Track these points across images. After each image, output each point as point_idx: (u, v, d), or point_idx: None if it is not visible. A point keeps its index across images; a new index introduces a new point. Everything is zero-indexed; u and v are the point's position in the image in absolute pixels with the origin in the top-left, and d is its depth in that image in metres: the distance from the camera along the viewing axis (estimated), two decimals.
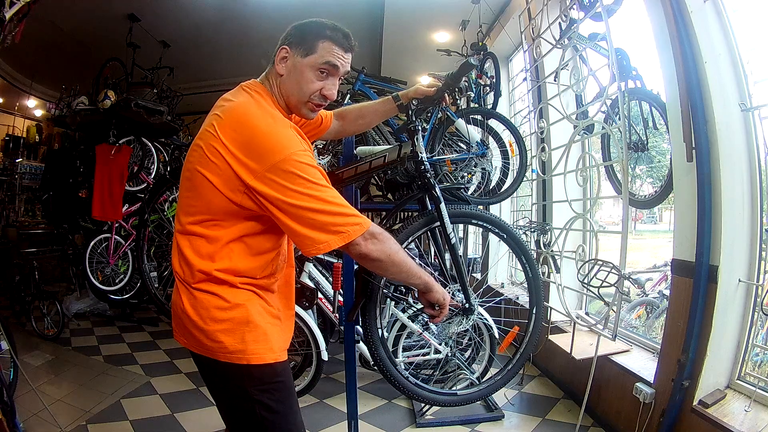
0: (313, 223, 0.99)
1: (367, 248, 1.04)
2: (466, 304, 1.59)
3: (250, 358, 1.04)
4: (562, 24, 2.56)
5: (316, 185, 0.99)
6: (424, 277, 1.18)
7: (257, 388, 1.05)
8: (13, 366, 2.31)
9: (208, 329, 1.04)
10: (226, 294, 1.05)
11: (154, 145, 4.22)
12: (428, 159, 1.57)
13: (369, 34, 4.60)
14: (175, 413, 2.47)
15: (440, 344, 2.35)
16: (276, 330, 1.12)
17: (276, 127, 1.01)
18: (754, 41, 1.81)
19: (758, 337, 1.86)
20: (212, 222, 1.04)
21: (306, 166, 0.99)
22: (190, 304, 1.06)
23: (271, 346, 1.07)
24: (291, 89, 1.09)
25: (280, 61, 1.09)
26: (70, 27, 4.35)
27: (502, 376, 1.77)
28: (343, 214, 1.02)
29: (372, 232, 1.04)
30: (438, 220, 1.55)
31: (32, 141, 6.27)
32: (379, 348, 1.61)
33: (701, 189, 1.77)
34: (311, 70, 1.07)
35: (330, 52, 1.07)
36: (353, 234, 1.02)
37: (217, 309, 1.04)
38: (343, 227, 1.01)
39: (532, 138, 3.25)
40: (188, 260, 1.05)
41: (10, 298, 4.45)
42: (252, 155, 0.97)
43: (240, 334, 1.04)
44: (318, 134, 1.45)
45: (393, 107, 1.51)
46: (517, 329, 2.03)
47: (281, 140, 0.99)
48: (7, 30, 2.00)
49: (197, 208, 1.05)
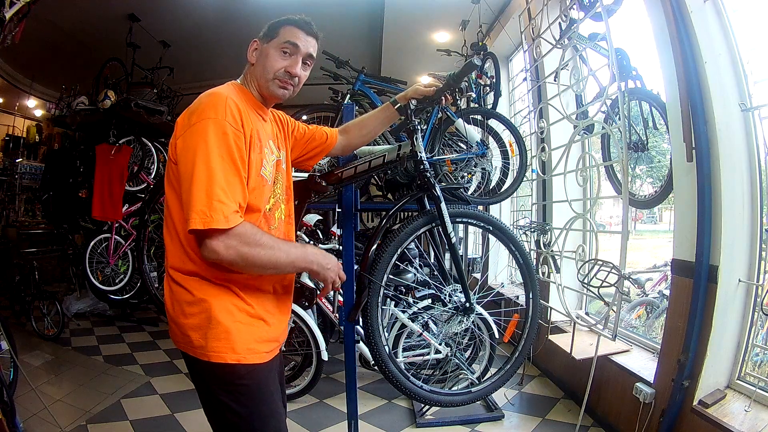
0: (190, 192, 0.96)
1: (216, 249, 0.97)
2: (466, 303, 1.60)
3: (210, 355, 1.05)
4: (562, 24, 2.56)
5: (215, 155, 0.97)
6: (308, 262, 1.12)
7: (221, 388, 1.07)
8: (13, 366, 2.31)
9: (180, 323, 1.08)
10: (193, 288, 1.06)
11: (154, 145, 4.22)
12: (428, 159, 1.57)
13: (369, 34, 4.60)
14: (175, 413, 2.48)
15: (440, 344, 2.35)
16: (247, 330, 1.09)
17: (211, 96, 1.05)
18: (754, 41, 1.81)
19: (758, 337, 1.86)
20: (175, 197, 1.06)
21: (220, 134, 0.99)
22: (168, 296, 1.10)
23: (232, 345, 1.05)
24: (259, 71, 1.18)
25: (252, 53, 1.20)
26: (70, 27, 4.36)
27: (515, 360, 1.75)
28: (217, 197, 0.96)
29: (231, 234, 0.97)
30: (438, 219, 1.55)
31: (32, 141, 6.28)
32: (381, 349, 1.61)
33: (701, 189, 1.77)
34: (275, 51, 1.17)
35: (290, 33, 1.17)
36: (212, 222, 0.94)
37: (186, 303, 1.07)
38: (209, 210, 0.95)
39: (532, 138, 3.25)
40: (166, 250, 1.10)
41: (10, 298, 4.45)
42: (187, 117, 1.04)
43: (203, 330, 1.05)
44: (325, 150, 1.48)
45: (393, 112, 1.51)
46: (517, 317, 2.02)
47: (208, 105, 1.02)
48: (7, 30, 2.00)
49: (170, 195, 1.09)
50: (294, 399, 2.64)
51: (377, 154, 1.61)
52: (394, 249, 1.55)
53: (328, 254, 1.19)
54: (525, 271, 1.74)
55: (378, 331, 1.59)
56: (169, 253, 1.10)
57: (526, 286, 1.76)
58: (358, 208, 1.96)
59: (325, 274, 1.16)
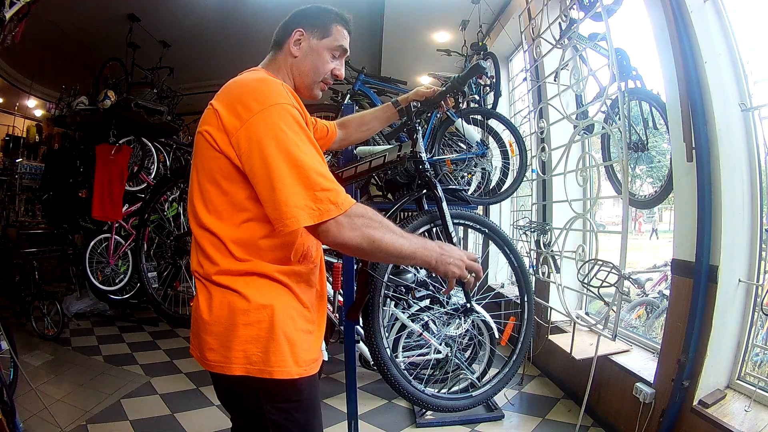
0: (283, 189, 0.86)
1: (341, 235, 0.89)
2: (467, 304, 1.60)
3: (272, 371, 0.92)
4: (562, 24, 2.56)
5: (295, 143, 0.88)
6: (424, 257, 0.97)
7: (275, 408, 0.94)
8: (13, 366, 2.31)
9: (230, 335, 0.93)
10: (249, 291, 0.93)
11: (154, 145, 4.22)
12: (428, 159, 1.57)
13: (369, 34, 4.59)
14: (175, 413, 2.47)
15: (440, 344, 2.35)
16: (307, 338, 1.00)
17: (265, 82, 0.96)
18: (754, 41, 1.81)
19: (758, 337, 1.86)
20: (221, 194, 0.94)
21: (291, 120, 0.90)
22: (207, 305, 0.95)
23: (296, 358, 0.95)
24: (307, 70, 1.10)
25: (294, 44, 1.09)
26: (70, 27, 4.35)
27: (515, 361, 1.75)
28: (319, 186, 0.87)
29: (350, 215, 0.89)
30: (438, 220, 1.55)
31: (32, 141, 6.27)
32: (383, 352, 1.60)
33: (701, 189, 1.77)
34: (327, 52, 1.11)
35: (343, 36, 1.13)
36: (325, 214, 0.87)
37: (240, 312, 0.93)
38: (315, 203, 0.87)
39: (532, 138, 3.25)
40: (204, 254, 0.96)
41: (10, 298, 4.45)
42: (237, 106, 0.92)
43: (263, 342, 0.92)
44: (326, 144, 1.46)
45: (393, 112, 1.52)
46: (513, 320, 2.02)
47: (269, 91, 0.93)
48: (7, 30, 2.00)
49: (205, 187, 0.96)
50: None
51: (377, 154, 1.61)
52: None
53: (449, 245, 1.04)
54: (519, 274, 1.75)
55: (380, 333, 1.59)
56: (210, 255, 0.95)
57: (521, 289, 1.77)
58: None
59: (445, 269, 0.99)
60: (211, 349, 0.95)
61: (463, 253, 1.03)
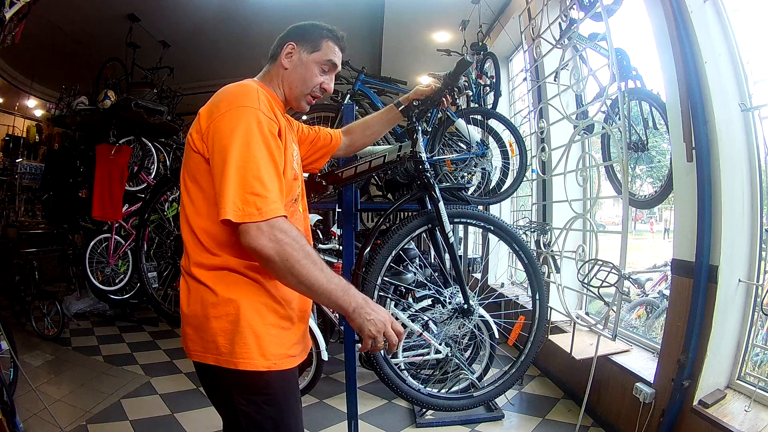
0: (223, 181, 0.91)
1: (257, 241, 0.90)
2: (465, 305, 1.60)
3: (237, 362, 0.96)
4: (562, 24, 2.56)
5: (248, 144, 0.93)
6: (339, 300, 0.95)
7: (246, 399, 0.98)
8: (13, 366, 2.31)
9: (201, 327, 0.99)
10: (218, 285, 0.98)
11: (154, 145, 4.22)
12: (428, 159, 1.57)
13: (369, 34, 4.59)
14: (175, 413, 2.47)
15: (440, 344, 2.35)
16: (277, 333, 1.02)
17: (243, 87, 1.02)
18: (754, 41, 1.81)
19: (758, 337, 1.86)
20: (198, 190, 1.01)
21: (253, 124, 0.95)
22: (186, 297, 1.02)
23: (263, 351, 0.98)
24: (295, 82, 1.15)
25: (285, 56, 1.15)
26: (70, 27, 4.35)
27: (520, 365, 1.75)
28: (251, 190, 0.91)
29: (272, 225, 0.91)
30: (435, 220, 1.55)
31: (32, 141, 6.27)
32: (377, 353, 1.60)
33: (701, 189, 1.77)
34: (316, 66, 1.15)
35: (333, 51, 1.17)
36: (246, 216, 0.89)
37: (210, 304, 0.98)
38: (242, 203, 0.90)
39: (532, 138, 3.25)
40: (186, 248, 1.03)
41: (10, 298, 4.45)
42: (215, 106, 1.00)
43: (230, 334, 0.97)
44: (330, 151, 1.47)
45: (396, 114, 1.52)
46: (522, 319, 2.01)
47: (241, 95, 0.99)
48: (7, 30, 2.00)
49: (188, 185, 1.03)
50: None
51: (377, 154, 1.62)
52: (389, 250, 1.55)
53: (375, 304, 1.00)
54: (530, 271, 1.73)
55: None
56: (190, 250, 1.02)
57: (532, 287, 1.74)
58: (358, 208, 1.96)
59: (362, 324, 0.96)
60: (191, 340, 1.02)
61: (390, 319, 0.98)
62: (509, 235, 1.69)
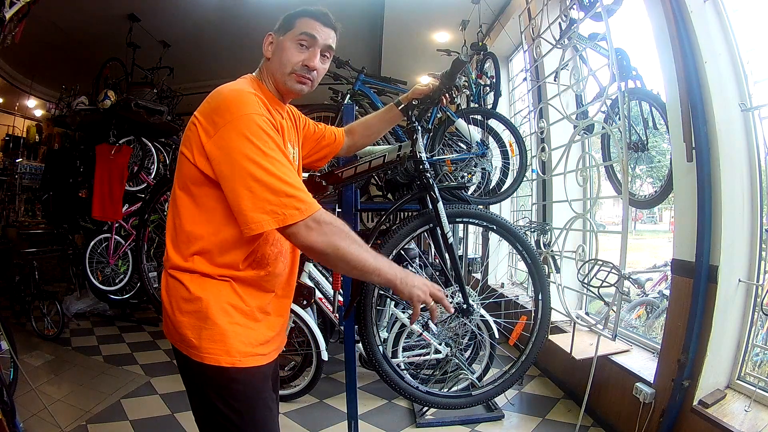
0: (250, 196, 0.93)
1: (308, 238, 0.95)
2: (464, 305, 1.59)
3: (204, 356, 1.00)
4: (562, 24, 2.56)
5: (262, 152, 0.94)
6: (388, 275, 1.01)
7: (214, 392, 1.02)
8: (13, 366, 2.31)
9: (176, 320, 1.03)
10: (190, 283, 1.02)
11: (154, 145, 4.22)
12: (428, 159, 1.57)
13: (369, 34, 4.59)
14: (175, 413, 2.47)
15: (440, 344, 2.36)
16: (244, 332, 1.05)
17: (238, 93, 1.02)
18: (754, 41, 1.81)
19: (758, 337, 1.86)
20: (186, 196, 1.04)
21: (258, 130, 0.96)
22: (165, 291, 1.07)
23: (227, 348, 1.01)
24: (275, 66, 1.13)
25: (267, 47, 1.16)
26: (70, 27, 4.35)
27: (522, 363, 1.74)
28: (284, 192, 0.94)
29: (317, 220, 0.96)
30: (435, 220, 1.55)
31: (32, 141, 6.27)
32: (375, 350, 1.60)
33: (701, 189, 1.77)
34: (292, 43, 1.12)
35: (307, 25, 1.12)
36: (289, 218, 0.93)
37: (182, 300, 1.03)
38: (280, 208, 0.93)
39: (532, 138, 3.25)
40: (166, 247, 1.07)
41: (10, 298, 4.44)
42: (211, 117, 0.99)
43: (198, 329, 1.01)
44: (334, 151, 1.47)
45: (396, 113, 1.52)
46: (524, 319, 2.00)
47: (238, 101, 0.99)
48: (7, 30, 2.00)
49: (177, 193, 1.06)
50: (294, 399, 2.64)
51: (377, 154, 1.61)
52: (389, 250, 1.55)
53: (413, 273, 1.07)
54: (533, 270, 1.72)
55: (371, 332, 1.59)
56: (168, 249, 1.07)
57: (535, 287, 1.74)
58: (358, 208, 1.96)
59: (410, 291, 1.03)
60: (169, 332, 1.08)
61: (429, 282, 1.07)
62: (513, 235, 1.69)
